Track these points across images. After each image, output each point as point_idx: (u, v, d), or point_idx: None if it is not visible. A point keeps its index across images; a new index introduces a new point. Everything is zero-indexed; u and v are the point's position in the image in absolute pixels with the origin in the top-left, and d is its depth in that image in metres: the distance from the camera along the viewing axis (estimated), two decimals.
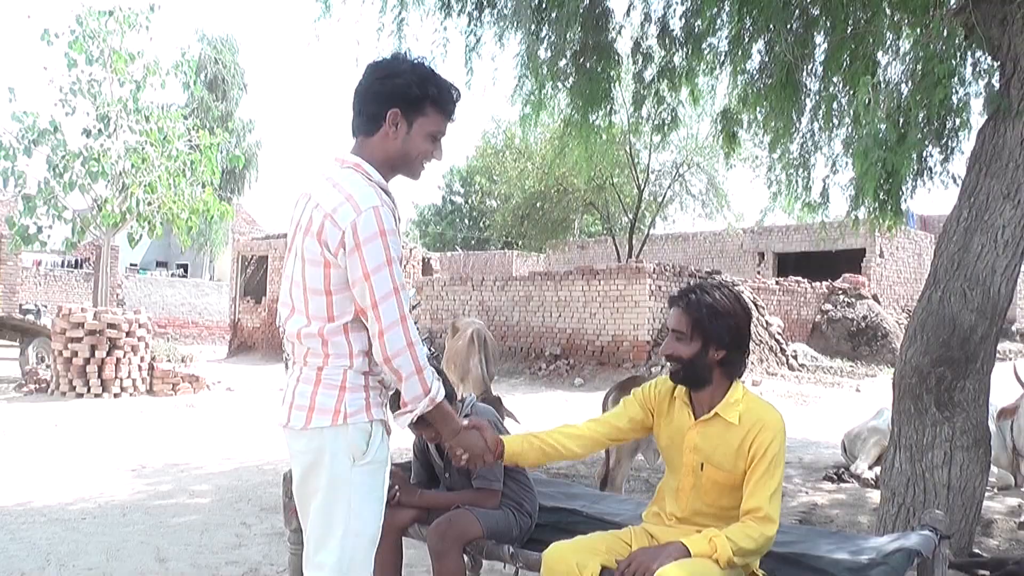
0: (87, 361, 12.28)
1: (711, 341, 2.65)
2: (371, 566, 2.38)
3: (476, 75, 6.28)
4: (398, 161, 2.38)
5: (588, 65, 6.10)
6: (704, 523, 2.65)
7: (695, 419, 2.70)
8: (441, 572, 2.96)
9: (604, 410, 5.95)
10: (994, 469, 6.24)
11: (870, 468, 6.81)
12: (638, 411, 2.85)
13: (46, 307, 21.79)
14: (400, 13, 6.07)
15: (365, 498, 2.32)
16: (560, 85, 6.24)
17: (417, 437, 3.42)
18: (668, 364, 2.74)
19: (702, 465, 2.66)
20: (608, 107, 6.56)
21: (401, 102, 2.32)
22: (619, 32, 6.39)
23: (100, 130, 13.58)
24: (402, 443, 3.69)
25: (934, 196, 39.26)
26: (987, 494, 5.16)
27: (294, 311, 2.36)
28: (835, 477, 6.91)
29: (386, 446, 2.37)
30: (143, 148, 13.73)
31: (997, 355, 4.78)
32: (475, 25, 6.15)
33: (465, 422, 2.58)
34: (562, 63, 6.03)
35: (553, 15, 5.77)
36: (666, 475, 2.84)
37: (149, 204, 13.77)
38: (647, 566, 2.39)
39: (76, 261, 33.55)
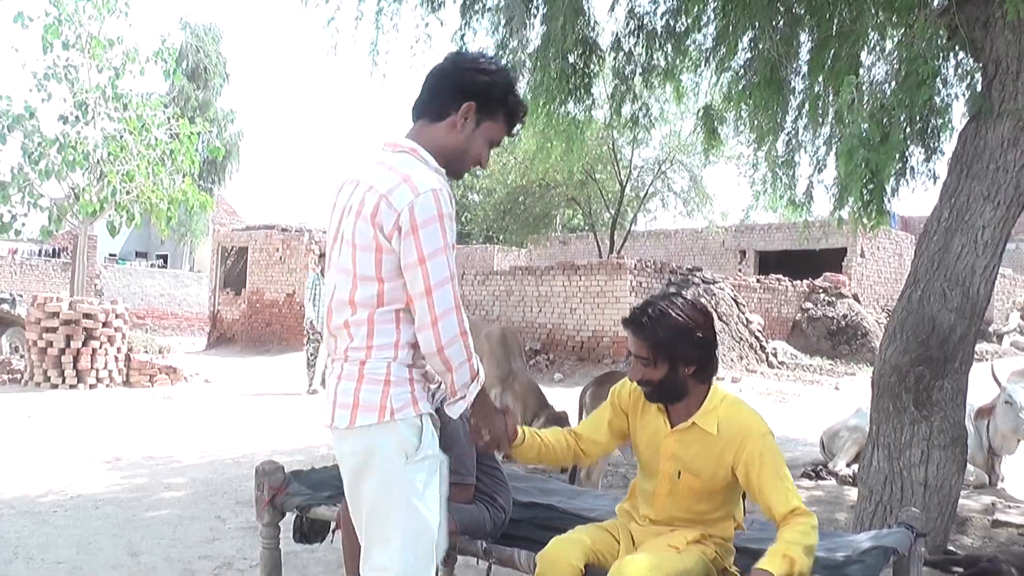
0: (62, 351, 12.15)
1: (678, 360, 2.55)
2: (434, 565, 2.28)
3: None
4: (453, 154, 2.32)
5: (571, 60, 6.08)
6: (678, 526, 2.63)
7: (671, 427, 2.63)
8: None
9: (581, 406, 5.94)
10: (970, 468, 6.28)
11: (848, 466, 6.83)
12: (614, 417, 2.79)
13: (21, 296, 21.54)
14: (379, 3, 6.02)
15: (423, 496, 2.22)
16: (542, 79, 6.21)
17: None
18: (640, 387, 2.64)
19: (679, 473, 2.61)
20: (590, 102, 6.54)
21: (480, 99, 2.29)
22: (602, 28, 6.38)
23: (77, 117, 13.42)
24: None
25: (915, 197, 39.55)
26: (963, 492, 5.18)
27: (340, 302, 2.27)
28: (813, 474, 6.92)
29: (436, 439, 2.28)
30: (121, 136, 13.58)
31: (974, 355, 4.81)
32: (467, 18, 6.11)
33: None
34: (546, 55, 6.00)
35: (542, 9, 5.75)
36: (640, 476, 2.79)
37: (127, 193, 13.64)
38: None
39: (54, 250, 33.26)
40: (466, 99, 2.28)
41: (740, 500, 2.70)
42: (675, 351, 2.53)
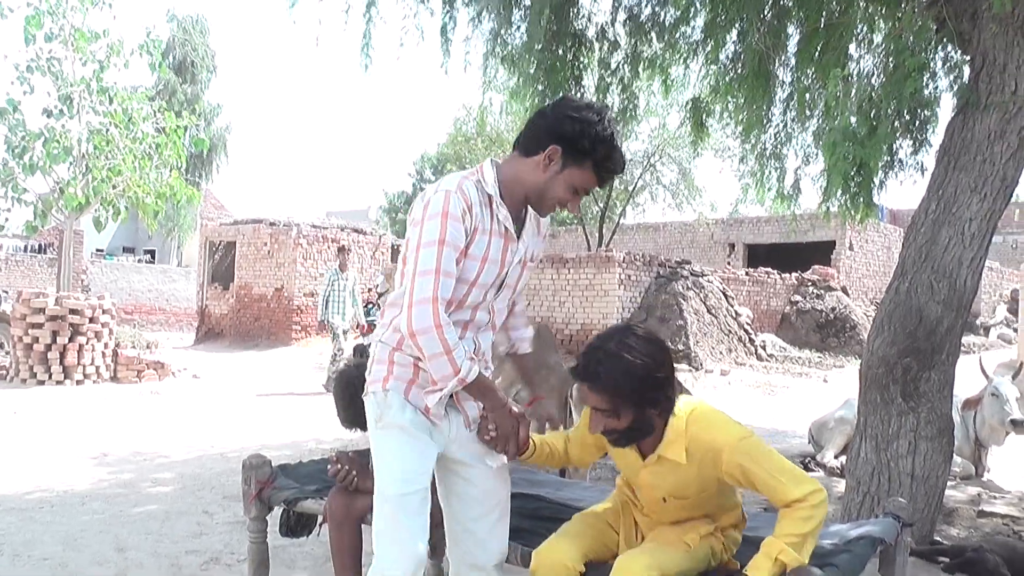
0: (48, 347, 12.07)
1: (644, 405, 2.36)
2: (400, 529, 2.36)
3: (451, 59, 6.23)
4: (532, 191, 2.43)
5: (560, 52, 6.06)
6: (678, 521, 2.58)
7: (643, 460, 2.51)
8: None
9: (566, 401, 5.92)
10: (957, 459, 6.31)
11: (836, 457, 6.86)
12: (590, 438, 2.63)
13: (7, 292, 21.40)
14: None
15: (382, 459, 2.42)
16: (529, 71, 6.19)
17: None
18: (605, 436, 2.46)
19: (664, 499, 2.52)
20: (579, 94, 6.52)
21: (567, 144, 2.35)
22: (589, 19, 6.36)
23: (61, 111, 13.29)
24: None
25: (904, 190, 39.66)
26: (949, 483, 5.21)
27: None
28: (802, 466, 6.94)
29: (406, 414, 2.39)
30: (107, 130, 13.45)
31: (961, 348, 4.83)
32: (452, 9, 6.08)
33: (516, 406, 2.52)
34: (534, 49, 5.98)
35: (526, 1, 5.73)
36: (633, 486, 2.71)
37: (114, 187, 13.52)
38: None
39: (40, 246, 33.01)
40: (553, 142, 2.35)
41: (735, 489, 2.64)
42: (639, 397, 2.33)
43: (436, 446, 2.44)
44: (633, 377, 2.31)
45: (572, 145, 2.35)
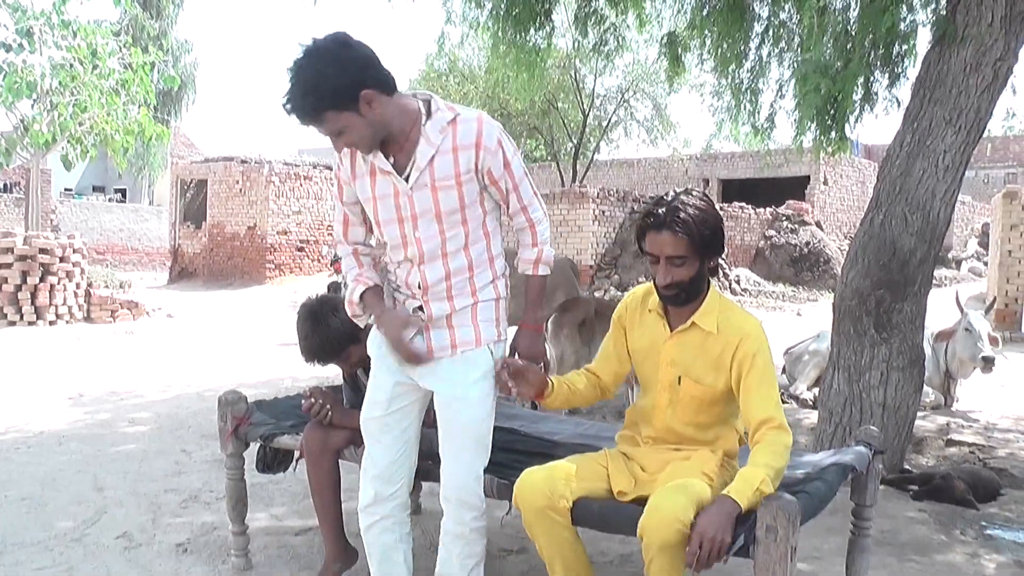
0: (19, 288, 11.93)
1: (709, 254, 2.54)
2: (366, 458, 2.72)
3: None
4: (379, 129, 2.44)
5: None
6: (679, 441, 2.61)
7: (671, 331, 2.60)
8: None
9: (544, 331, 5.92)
10: (927, 389, 6.42)
11: (809, 389, 6.96)
12: (617, 339, 2.75)
13: None
14: None
15: None
16: (501, 4, 6.07)
17: (347, 369, 3.36)
18: (664, 291, 2.55)
19: (679, 379, 2.57)
20: (548, 29, 6.42)
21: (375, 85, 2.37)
22: None
23: (21, 44, 12.91)
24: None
25: (879, 125, 39.63)
26: (919, 414, 5.30)
27: None
28: None
29: (373, 347, 2.69)
30: (71, 65, 13.12)
31: (933, 281, 4.88)
32: None
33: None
34: None
35: None
36: (639, 397, 2.76)
37: (80, 124, 13.24)
38: (720, 540, 2.16)
39: (5, 185, 32.40)
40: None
41: (737, 415, 2.65)
42: (708, 245, 2.50)
43: (395, 375, 2.62)
44: (708, 225, 2.48)
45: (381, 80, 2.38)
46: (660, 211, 2.49)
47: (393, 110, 2.39)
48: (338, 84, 2.27)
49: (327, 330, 3.05)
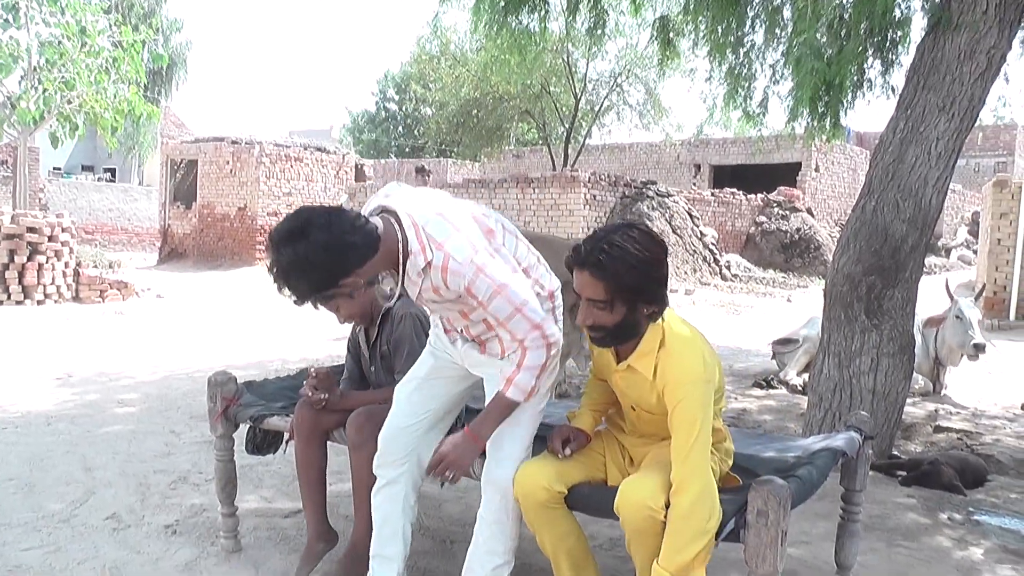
0: (6, 267, 11.83)
1: (640, 301, 2.32)
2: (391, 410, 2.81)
3: None
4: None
5: None
6: (660, 438, 2.58)
7: (616, 364, 2.52)
8: (358, 463, 2.93)
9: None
10: (916, 376, 6.45)
11: (799, 375, 6.98)
12: (598, 383, 2.74)
13: None
14: None
15: None
16: None
17: (352, 331, 3.36)
18: (589, 332, 2.45)
19: (633, 407, 2.57)
20: (543, 12, 6.38)
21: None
22: None
23: (7, 20, 12.76)
24: (341, 348, 3.61)
25: (871, 112, 39.63)
26: (908, 400, 5.33)
27: None
28: (764, 384, 7.06)
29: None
30: (59, 42, 12.99)
31: (924, 268, 4.89)
32: None
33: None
34: None
35: None
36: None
37: (69, 102, 13.13)
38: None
39: None
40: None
41: (718, 413, 2.65)
42: (637, 291, 2.30)
43: (441, 359, 2.76)
44: (634, 270, 2.27)
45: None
46: (585, 247, 2.32)
47: (379, 264, 2.35)
48: (319, 281, 2.29)
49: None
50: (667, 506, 2.26)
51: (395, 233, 2.35)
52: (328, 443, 3.19)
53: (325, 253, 2.21)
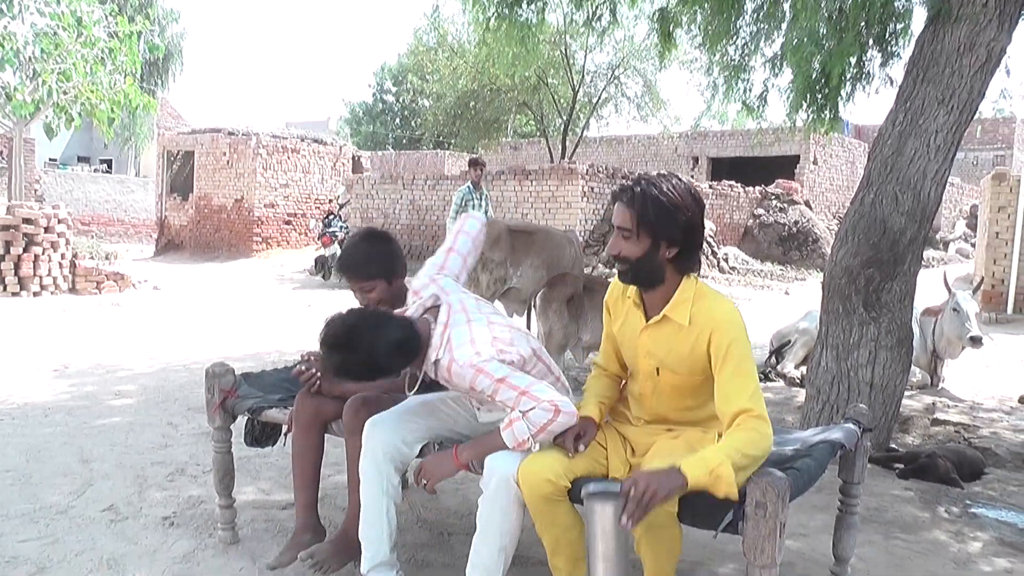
0: (2, 258, 11.79)
1: (661, 238, 2.45)
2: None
3: None
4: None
5: None
6: (669, 423, 2.60)
7: (646, 321, 2.56)
8: (353, 449, 2.91)
9: (529, 309, 5.87)
10: (914, 369, 6.44)
11: (796, 368, 6.98)
12: (608, 321, 2.74)
13: None
14: None
15: None
16: None
17: None
18: (616, 264, 2.55)
19: (657, 370, 2.55)
20: (541, 3, 6.36)
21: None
22: None
23: (2, 10, 12.69)
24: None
25: (870, 105, 39.62)
26: (906, 393, 5.33)
27: None
28: (762, 376, 7.06)
29: None
30: (55, 33, 12.92)
31: (922, 261, 4.89)
32: None
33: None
34: None
35: None
36: (629, 377, 2.75)
37: (65, 93, 13.07)
38: (652, 491, 2.15)
39: None
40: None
41: None
42: (659, 227, 2.43)
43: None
44: (659, 204, 2.43)
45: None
46: (626, 183, 2.52)
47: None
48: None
49: (374, 247, 3.19)
50: (681, 501, 2.26)
51: (429, 332, 2.66)
52: (329, 436, 3.18)
53: (364, 368, 2.56)
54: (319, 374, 3.06)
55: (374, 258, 3.15)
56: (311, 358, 3.10)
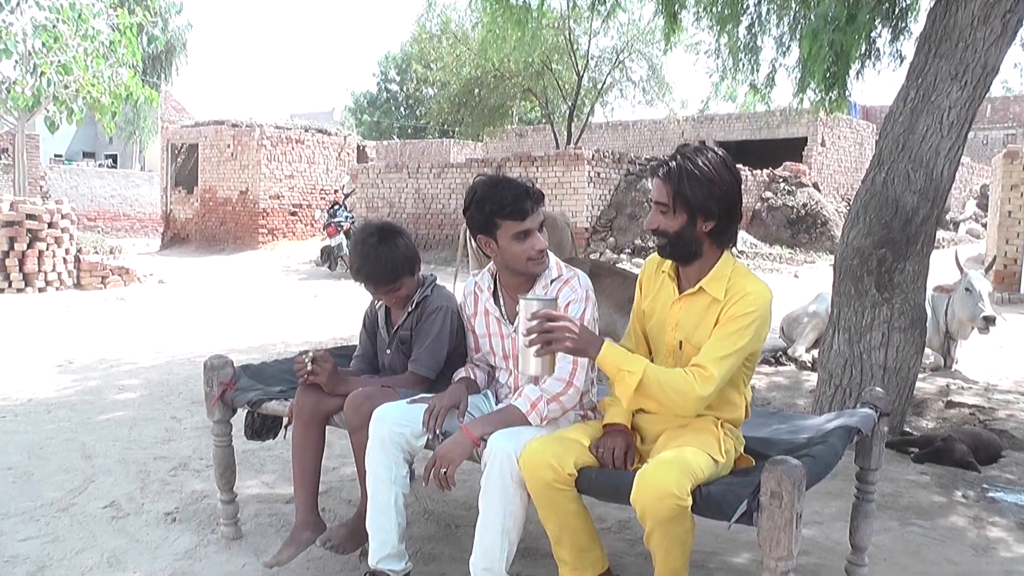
0: (6, 254, 11.78)
1: (698, 212, 2.45)
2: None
3: None
4: (509, 268, 2.82)
5: None
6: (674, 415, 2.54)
7: (679, 293, 2.55)
8: (359, 445, 2.85)
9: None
10: (927, 351, 6.35)
11: (807, 351, 6.89)
12: (639, 299, 2.71)
13: None
14: None
15: None
16: None
17: (370, 306, 3.28)
18: (654, 238, 2.55)
19: (681, 344, 2.52)
20: None
21: (478, 230, 2.76)
22: None
23: (1, 4, 12.62)
24: (345, 331, 3.53)
25: (878, 86, 39.39)
26: (919, 375, 5.23)
27: None
28: (773, 360, 6.98)
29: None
30: (54, 26, 12.84)
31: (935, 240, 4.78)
32: None
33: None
34: None
35: None
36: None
37: (65, 87, 13.00)
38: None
39: None
40: (475, 234, 2.78)
41: (747, 382, 2.60)
42: (695, 201, 2.43)
43: None
44: (695, 179, 2.43)
45: (479, 227, 2.75)
46: (665, 158, 2.52)
47: None
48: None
49: (394, 251, 3.05)
50: (694, 492, 2.19)
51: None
52: (333, 428, 3.11)
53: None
54: (315, 372, 2.97)
55: (397, 259, 3.05)
56: (316, 358, 3.01)
